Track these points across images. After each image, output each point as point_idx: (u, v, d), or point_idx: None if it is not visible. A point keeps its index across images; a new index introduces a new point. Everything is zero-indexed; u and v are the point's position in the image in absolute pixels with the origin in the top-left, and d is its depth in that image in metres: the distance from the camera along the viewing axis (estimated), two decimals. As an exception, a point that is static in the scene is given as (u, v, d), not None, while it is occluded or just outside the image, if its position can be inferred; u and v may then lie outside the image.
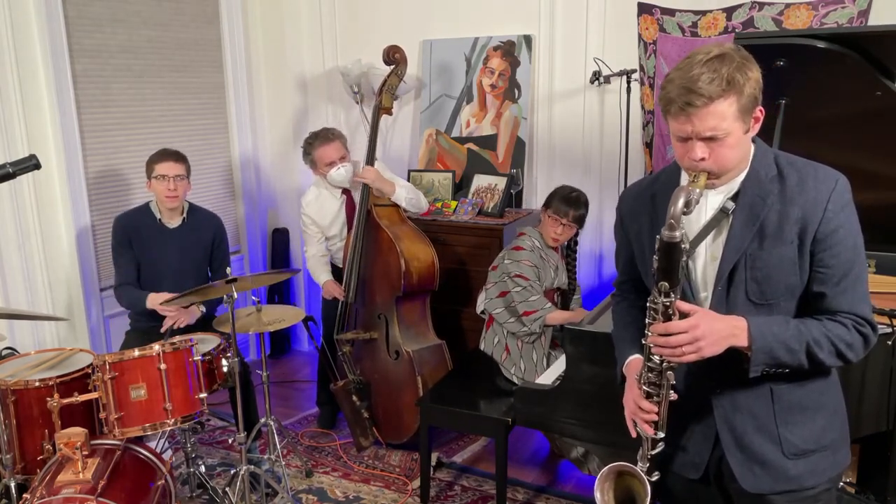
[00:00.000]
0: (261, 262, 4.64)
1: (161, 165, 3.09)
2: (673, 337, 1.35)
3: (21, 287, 3.27)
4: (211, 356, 2.73)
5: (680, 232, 1.29)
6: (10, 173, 2.20)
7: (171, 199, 3.11)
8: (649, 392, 1.46)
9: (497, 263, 3.05)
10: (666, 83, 1.35)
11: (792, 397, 1.47)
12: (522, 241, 2.99)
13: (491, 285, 3.05)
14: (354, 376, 3.40)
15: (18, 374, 2.53)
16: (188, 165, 3.18)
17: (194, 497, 2.92)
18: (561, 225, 2.93)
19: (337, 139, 3.37)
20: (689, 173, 1.40)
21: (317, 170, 3.42)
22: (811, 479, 1.48)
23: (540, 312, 2.88)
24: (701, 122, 1.32)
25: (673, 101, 1.33)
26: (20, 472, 2.47)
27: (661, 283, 1.34)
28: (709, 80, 1.29)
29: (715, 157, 1.36)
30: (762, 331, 1.36)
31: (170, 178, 3.07)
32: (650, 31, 3.51)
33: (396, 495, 3.03)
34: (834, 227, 1.37)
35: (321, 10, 4.34)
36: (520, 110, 3.91)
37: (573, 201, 2.94)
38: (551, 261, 3.02)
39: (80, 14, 3.43)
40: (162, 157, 3.11)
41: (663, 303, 1.36)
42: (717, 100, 1.30)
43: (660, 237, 1.31)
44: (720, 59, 1.31)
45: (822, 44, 2.28)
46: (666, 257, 1.32)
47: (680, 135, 1.37)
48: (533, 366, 2.96)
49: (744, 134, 1.37)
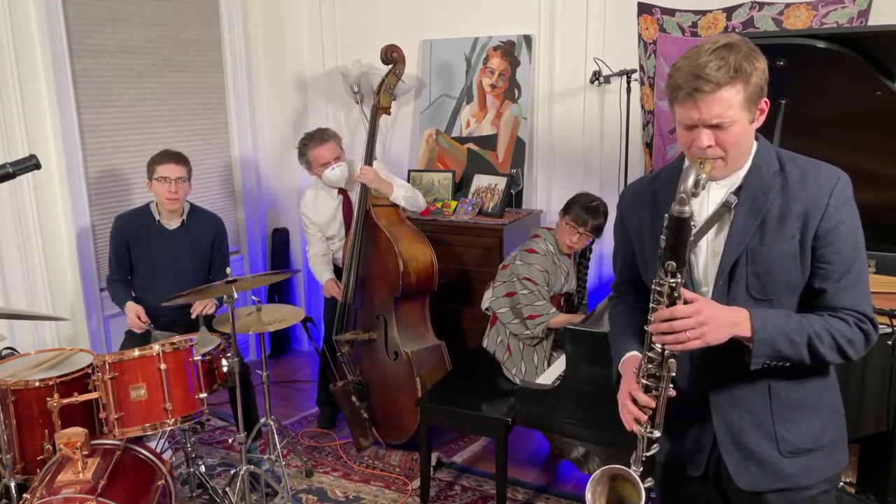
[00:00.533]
0: (261, 263, 4.64)
1: (163, 167, 3.08)
2: (677, 321, 1.34)
3: (21, 287, 3.27)
4: (211, 356, 2.73)
5: (689, 208, 1.28)
6: (10, 173, 2.20)
7: (172, 201, 3.11)
8: (648, 385, 1.44)
9: (508, 263, 3.03)
10: (673, 71, 1.36)
11: (790, 395, 1.47)
12: (536, 244, 2.96)
13: (499, 283, 3.03)
14: (354, 377, 3.40)
15: (18, 374, 2.53)
16: (190, 168, 3.17)
17: (194, 497, 2.92)
18: (578, 233, 2.89)
19: (331, 139, 3.37)
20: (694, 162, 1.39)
21: (312, 170, 3.43)
22: (806, 478, 1.47)
23: (544, 317, 2.87)
24: (708, 109, 1.33)
25: (680, 87, 1.34)
26: (20, 472, 2.47)
27: (669, 263, 1.32)
28: (716, 66, 1.30)
29: (721, 146, 1.36)
30: (764, 322, 1.36)
31: (171, 181, 3.07)
32: (650, 31, 3.51)
33: (396, 495, 3.03)
34: (835, 224, 1.37)
35: (321, 10, 4.34)
36: (520, 110, 3.91)
37: (593, 210, 2.89)
38: (563, 266, 3.00)
39: (80, 14, 3.43)
40: (164, 159, 3.10)
41: (669, 284, 1.34)
42: (724, 86, 1.31)
43: (669, 213, 1.30)
44: (728, 47, 1.33)
45: (822, 44, 2.28)
46: (675, 234, 1.30)
47: (686, 122, 1.37)
48: (534, 368, 2.95)
49: (749, 124, 1.38)
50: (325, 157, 3.34)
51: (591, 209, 2.89)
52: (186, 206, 3.24)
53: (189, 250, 3.21)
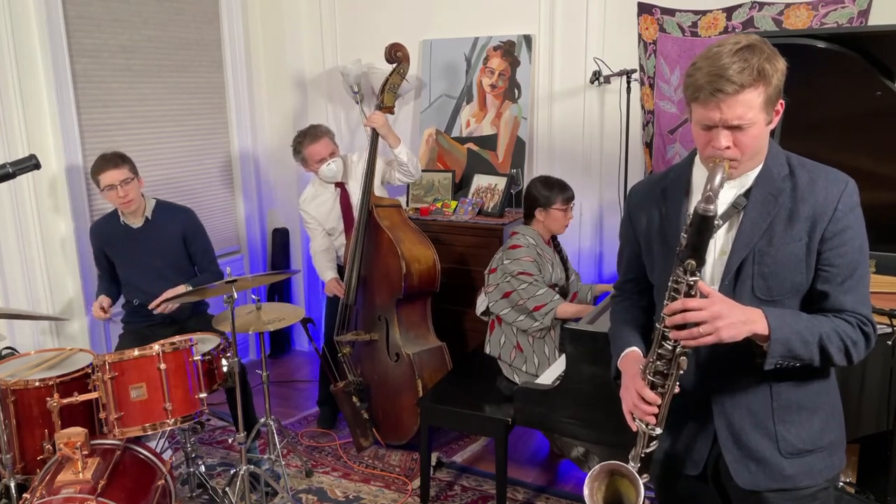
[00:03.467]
0: (261, 262, 4.64)
1: (104, 176, 3.00)
2: (691, 314, 1.33)
3: (21, 287, 3.27)
4: (211, 356, 2.73)
5: (715, 206, 1.28)
6: (10, 173, 2.21)
7: (126, 204, 3.06)
8: (654, 382, 1.44)
9: (495, 265, 3.04)
10: (693, 71, 1.36)
11: (791, 396, 1.47)
12: (518, 240, 2.99)
13: (492, 288, 3.03)
14: (354, 377, 3.40)
15: (18, 374, 2.53)
16: (131, 164, 3.07)
17: (194, 497, 2.92)
18: (568, 211, 3.02)
19: (324, 135, 3.40)
20: (708, 162, 1.39)
21: (308, 167, 3.45)
22: (806, 479, 1.48)
23: (550, 305, 2.87)
24: (729, 110, 1.33)
25: (702, 87, 1.33)
26: (20, 472, 2.47)
27: (688, 262, 1.32)
28: (740, 69, 1.31)
29: (738, 147, 1.36)
30: (780, 322, 1.36)
31: (117, 186, 2.99)
32: (650, 31, 3.51)
33: (396, 495, 3.03)
34: (842, 228, 1.38)
35: (321, 10, 4.34)
36: (520, 110, 3.91)
37: (565, 185, 3.02)
38: (547, 255, 3.02)
39: (80, 14, 3.43)
40: (102, 168, 3.01)
41: (688, 282, 1.34)
42: (747, 88, 1.32)
43: (694, 210, 1.30)
44: (750, 49, 1.33)
45: (822, 44, 2.28)
46: (698, 232, 1.30)
47: (706, 122, 1.37)
48: (546, 359, 2.95)
49: (766, 125, 1.38)
50: (321, 154, 3.37)
51: (563, 185, 3.02)
52: (151, 203, 3.19)
53: (158, 245, 3.16)
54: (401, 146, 3.38)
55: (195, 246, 3.25)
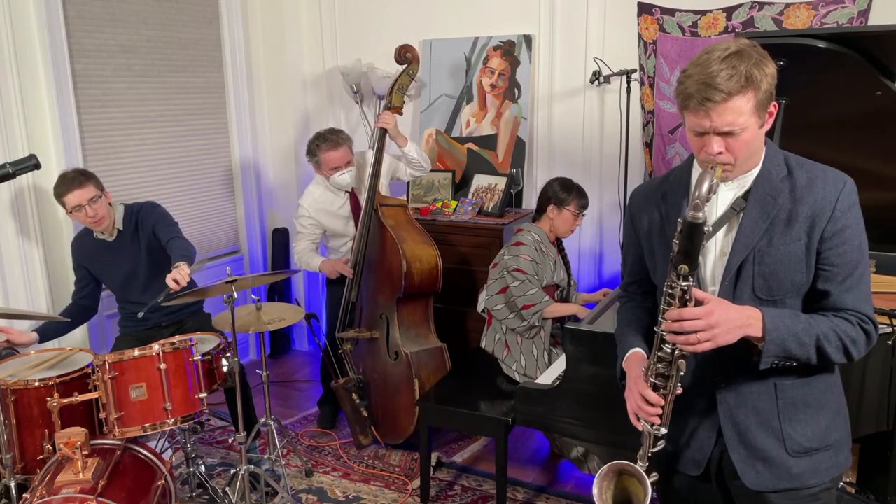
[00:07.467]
0: (261, 262, 4.64)
1: (69, 198, 2.84)
2: (688, 322, 1.35)
3: (21, 287, 3.27)
4: (211, 356, 2.73)
5: (703, 213, 1.30)
6: (10, 173, 2.21)
7: (97, 223, 2.94)
8: (656, 384, 1.46)
9: (497, 260, 3.07)
10: (684, 78, 1.37)
11: (796, 394, 1.48)
12: (522, 237, 3.00)
13: (492, 282, 3.06)
14: (355, 375, 3.40)
15: (18, 374, 2.53)
16: (96, 179, 2.93)
17: (194, 497, 2.92)
18: (579, 217, 3.05)
19: (345, 143, 3.35)
20: (703, 166, 1.41)
21: (320, 170, 3.41)
22: (813, 478, 1.48)
23: (538, 306, 2.90)
24: (719, 117, 1.34)
25: (692, 96, 1.35)
26: (20, 472, 2.47)
27: (681, 267, 1.34)
28: (728, 76, 1.31)
29: (731, 151, 1.38)
30: (776, 323, 1.37)
31: (85, 206, 2.85)
32: (650, 31, 3.51)
33: (396, 495, 3.03)
34: (841, 227, 1.39)
35: (321, 10, 4.34)
36: (520, 110, 3.91)
37: (584, 193, 3.05)
38: (550, 254, 3.03)
39: (80, 14, 3.43)
40: (66, 189, 2.84)
41: (681, 287, 1.36)
42: (735, 96, 1.32)
43: (682, 218, 1.32)
44: (738, 55, 1.33)
45: (822, 44, 2.28)
46: (688, 239, 1.32)
47: (697, 129, 1.38)
48: (534, 361, 2.96)
49: (759, 129, 1.39)
50: (337, 162, 3.32)
51: (582, 192, 3.05)
52: (119, 212, 3.04)
53: (137, 252, 3.05)
54: (409, 144, 3.40)
55: (164, 232, 3.03)
